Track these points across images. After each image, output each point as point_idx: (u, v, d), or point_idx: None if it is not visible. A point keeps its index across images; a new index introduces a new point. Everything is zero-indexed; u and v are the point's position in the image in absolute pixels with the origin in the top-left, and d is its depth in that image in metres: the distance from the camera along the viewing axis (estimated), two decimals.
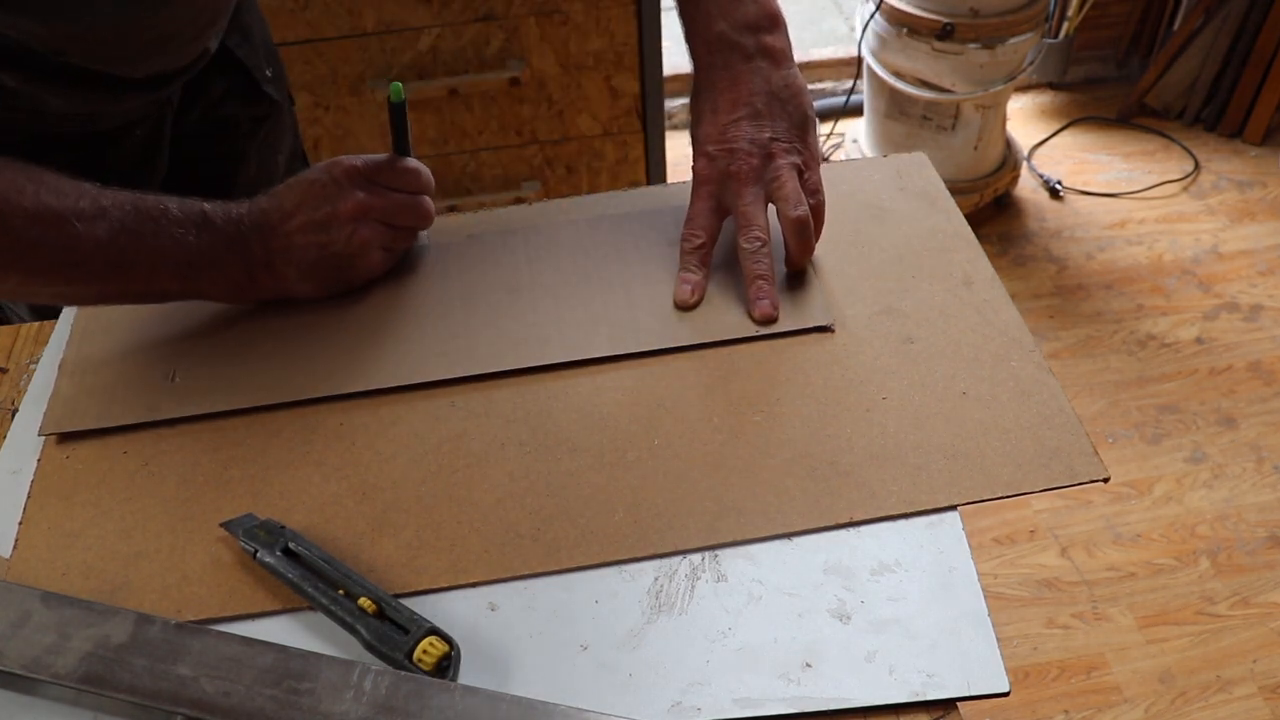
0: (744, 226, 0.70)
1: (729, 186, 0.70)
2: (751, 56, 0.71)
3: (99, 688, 0.50)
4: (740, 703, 0.51)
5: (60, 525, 0.60)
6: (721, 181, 0.71)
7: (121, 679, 0.50)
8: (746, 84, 0.70)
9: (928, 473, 0.60)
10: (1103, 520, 1.63)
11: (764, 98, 0.70)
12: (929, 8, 1.87)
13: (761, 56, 0.71)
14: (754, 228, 0.69)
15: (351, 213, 0.68)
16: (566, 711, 0.50)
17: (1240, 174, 2.27)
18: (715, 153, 0.71)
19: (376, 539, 0.59)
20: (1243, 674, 1.44)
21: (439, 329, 0.70)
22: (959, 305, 0.71)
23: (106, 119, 0.76)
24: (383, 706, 0.49)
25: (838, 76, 2.47)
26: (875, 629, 0.54)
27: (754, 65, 0.71)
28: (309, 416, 0.65)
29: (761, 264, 0.69)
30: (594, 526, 0.59)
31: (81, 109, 0.73)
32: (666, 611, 0.55)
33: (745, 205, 0.70)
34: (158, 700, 0.49)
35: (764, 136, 0.70)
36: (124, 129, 0.78)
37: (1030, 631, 1.49)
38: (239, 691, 0.49)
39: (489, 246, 0.76)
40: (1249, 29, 2.20)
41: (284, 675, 0.50)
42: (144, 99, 0.77)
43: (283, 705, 0.49)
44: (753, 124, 0.70)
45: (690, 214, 0.72)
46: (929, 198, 0.80)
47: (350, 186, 0.68)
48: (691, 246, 0.71)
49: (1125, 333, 1.94)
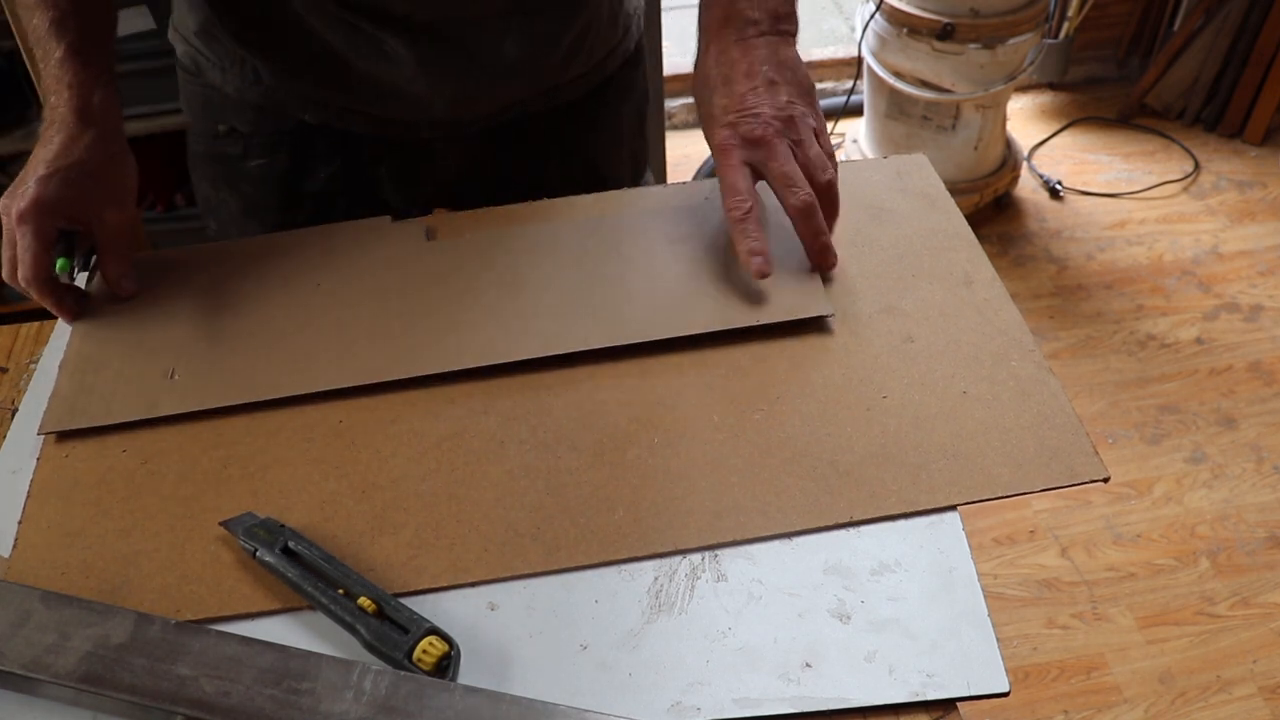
0: (788, 186, 0.69)
1: (759, 150, 0.70)
2: (765, 33, 0.72)
3: (99, 687, 0.50)
4: (740, 703, 0.51)
5: (60, 524, 0.60)
6: (749, 146, 0.71)
7: (121, 679, 0.50)
8: (758, 55, 0.72)
9: (928, 472, 0.60)
10: (1103, 520, 1.63)
11: (774, 67, 0.72)
12: (929, 8, 1.87)
13: (774, 34, 0.72)
14: (798, 186, 0.69)
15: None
16: (566, 712, 0.50)
17: (1240, 174, 2.28)
18: (737, 120, 0.71)
19: (376, 538, 0.59)
20: (1243, 674, 1.44)
21: (437, 323, 0.70)
22: (959, 305, 0.71)
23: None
24: (383, 706, 0.49)
25: (838, 76, 2.47)
26: (875, 629, 0.54)
27: (765, 39, 0.72)
28: (308, 414, 0.65)
29: (817, 219, 0.70)
30: (594, 526, 0.58)
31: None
32: (666, 611, 0.55)
33: (783, 165, 0.69)
34: (158, 700, 0.49)
35: (782, 100, 0.71)
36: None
37: (1030, 632, 1.49)
38: (239, 691, 0.49)
39: (488, 243, 0.76)
40: (1249, 29, 2.20)
41: (284, 675, 0.50)
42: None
43: (282, 705, 0.49)
44: (769, 91, 0.71)
45: (728, 183, 0.71)
46: (929, 198, 0.80)
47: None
48: (741, 213, 0.70)
49: (1125, 333, 1.94)
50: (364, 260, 0.75)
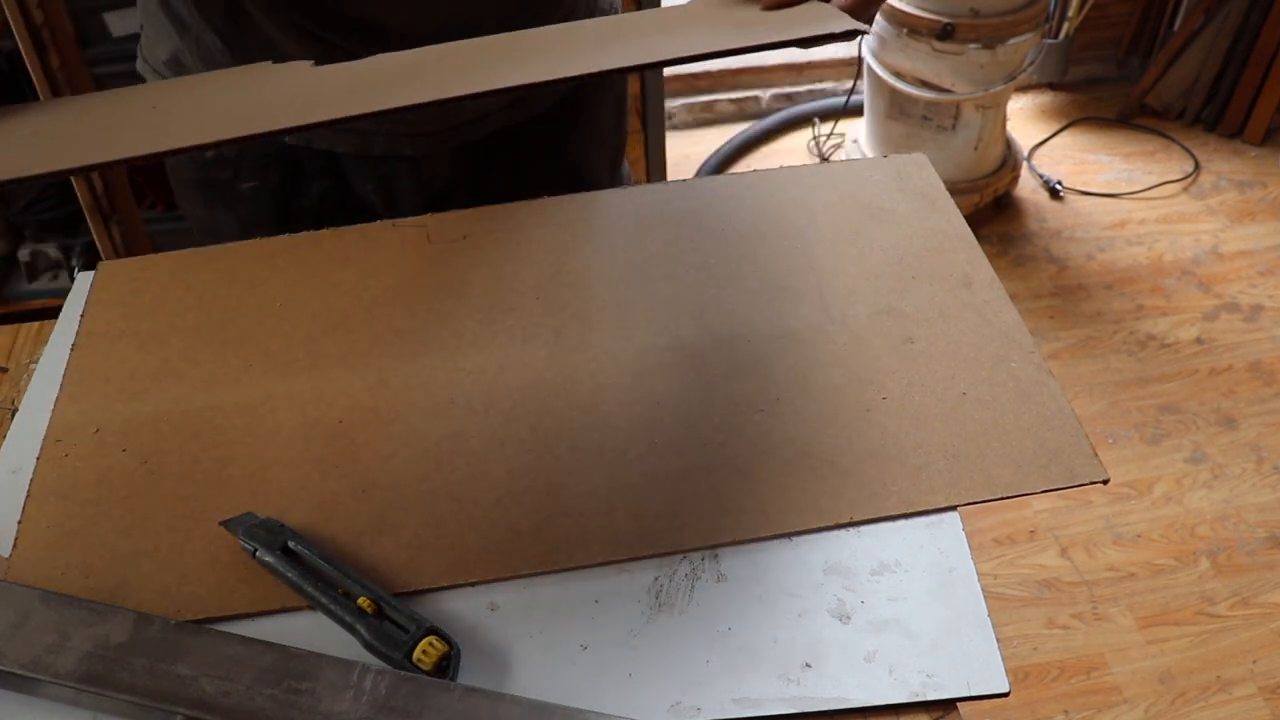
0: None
1: None
2: None
3: (99, 687, 0.50)
4: (740, 703, 0.51)
5: (60, 524, 0.60)
6: None
7: (121, 679, 0.50)
8: None
9: (928, 473, 0.60)
10: (1103, 520, 1.63)
11: None
12: (929, 8, 1.87)
13: None
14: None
15: None
16: (567, 711, 0.50)
17: (1240, 174, 2.28)
18: None
19: (376, 538, 0.59)
20: (1243, 674, 1.44)
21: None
22: (959, 306, 0.71)
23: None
24: (383, 706, 0.49)
25: (838, 77, 2.47)
26: (875, 629, 0.54)
27: None
28: (309, 414, 0.65)
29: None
30: (594, 526, 0.59)
31: None
32: (666, 611, 0.55)
33: None
34: (158, 700, 0.49)
35: None
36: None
37: (1030, 632, 1.49)
38: (239, 691, 0.49)
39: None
40: (1249, 29, 2.21)
41: (284, 675, 0.50)
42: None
43: (282, 705, 0.49)
44: None
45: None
46: (929, 198, 0.80)
47: None
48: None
49: (1125, 333, 1.94)
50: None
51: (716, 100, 2.46)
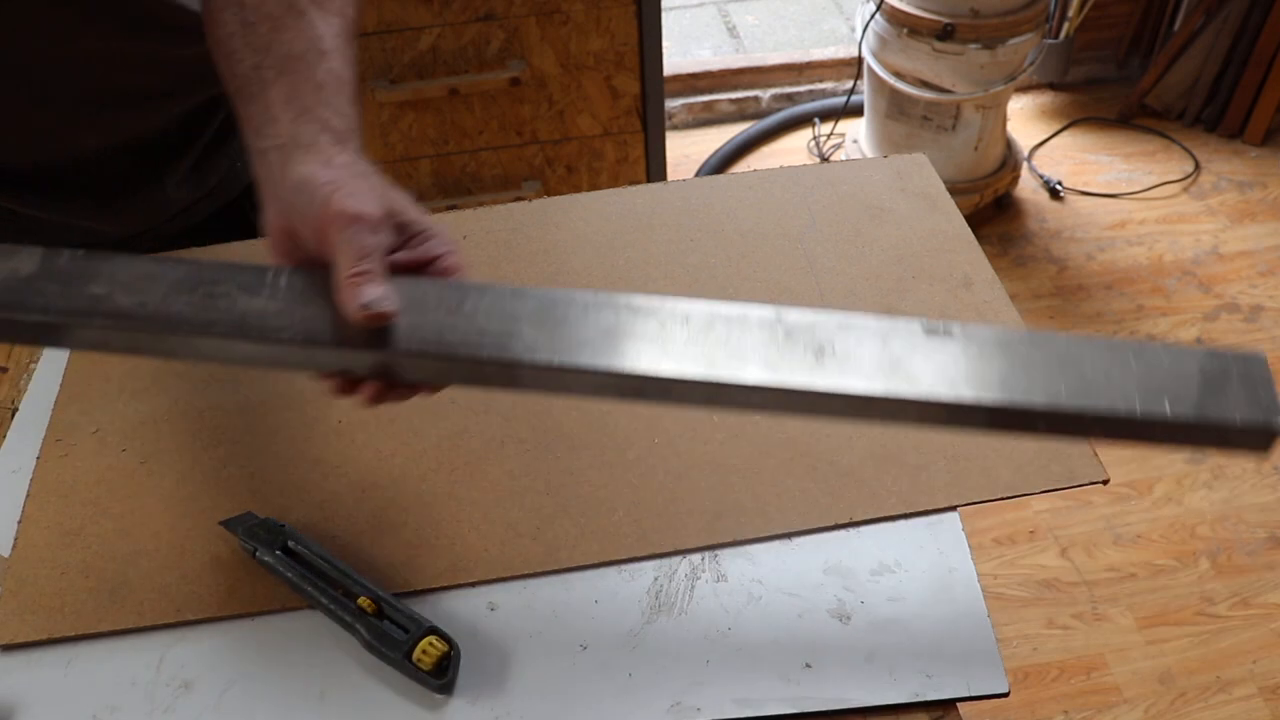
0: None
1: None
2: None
3: (9, 312, 0.48)
4: (740, 703, 0.51)
5: (59, 524, 0.60)
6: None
7: (34, 302, 0.48)
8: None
9: (928, 473, 0.60)
10: (1103, 521, 1.63)
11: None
12: (929, 8, 1.87)
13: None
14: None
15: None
16: (584, 296, 0.47)
17: (1240, 174, 2.27)
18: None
19: (376, 537, 0.59)
20: (1243, 675, 1.44)
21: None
22: (959, 306, 0.71)
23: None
24: (298, 298, 0.48)
25: (838, 77, 2.47)
26: (875, 629, 0.54)
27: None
28: (308, 414, 0.65)
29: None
30: (594, 526, 0.58)
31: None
32: (666, 611, 0.55)
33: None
34: (73, 318, 0.48)
35: None
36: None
37: (1030, 632, 1.49)
38: (154, 302, 0.48)
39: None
40: (1249, 29, 2.20)
41: (199, 283, 0.49)
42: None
43: (200, 309, 0.48)
44: None
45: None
46: (929, 198, 0.80)
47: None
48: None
49: (1125, 333, 1.93)
50: None
51: (716, 100, 2.46)
